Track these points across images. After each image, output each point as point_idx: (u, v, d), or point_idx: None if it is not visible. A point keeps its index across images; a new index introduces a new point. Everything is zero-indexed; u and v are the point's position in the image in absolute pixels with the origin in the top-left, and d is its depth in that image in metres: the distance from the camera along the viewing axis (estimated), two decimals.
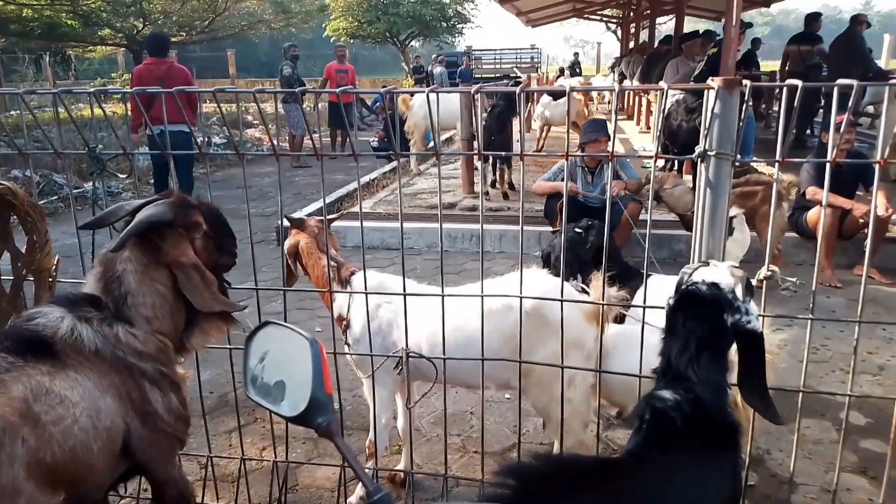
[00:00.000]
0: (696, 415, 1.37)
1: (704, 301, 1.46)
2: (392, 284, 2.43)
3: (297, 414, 0.96)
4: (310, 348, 0.96)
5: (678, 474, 1.37)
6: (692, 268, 1.60)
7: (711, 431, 1.40)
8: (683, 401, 1.37)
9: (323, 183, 2.23)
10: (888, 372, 3.62)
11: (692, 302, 1.48)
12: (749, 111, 8.50)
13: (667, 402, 1.36)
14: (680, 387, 1.40)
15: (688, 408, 1.36)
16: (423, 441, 3.04)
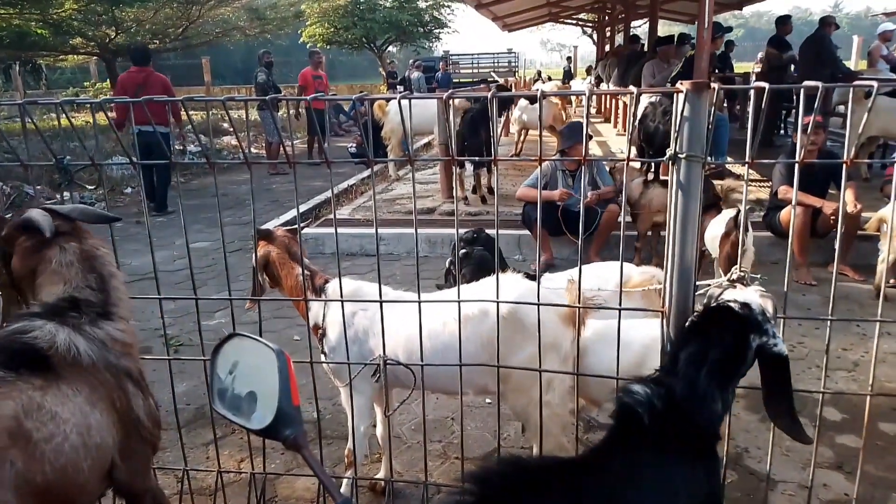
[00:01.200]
0: (667, 413, 1.37)
1: (734, 318, 1.49)
2: (368, 291, 2.41)
3: (264, 427, 0.95)
4: (276, 360, 0.94)
5: (642, 474, 1.37)
6: (721, 287, 1.62)
7: (684, 431, 1.41)
8: (654, 396, 1.38)
9: (296, 190, 2.21)
10: (862, 368, 3.67)
11: (720, 318, 1.50)
12: (724, 113, 8.65)
13: (635, 397, 1.37)
14: (658, 384, 1.41)
15: (659, 404, 1.37)
16: (404, 448, 3.03)
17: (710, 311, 1.50)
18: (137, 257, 5.72)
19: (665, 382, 1.44)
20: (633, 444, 1.38)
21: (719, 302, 1.50)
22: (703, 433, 1.48)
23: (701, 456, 1.47)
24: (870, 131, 7.08)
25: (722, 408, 1.54)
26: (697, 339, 1.48)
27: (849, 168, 1.93)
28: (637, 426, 1.37)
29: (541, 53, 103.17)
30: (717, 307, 1.49)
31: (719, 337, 1.47)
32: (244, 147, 2.19)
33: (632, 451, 1.40)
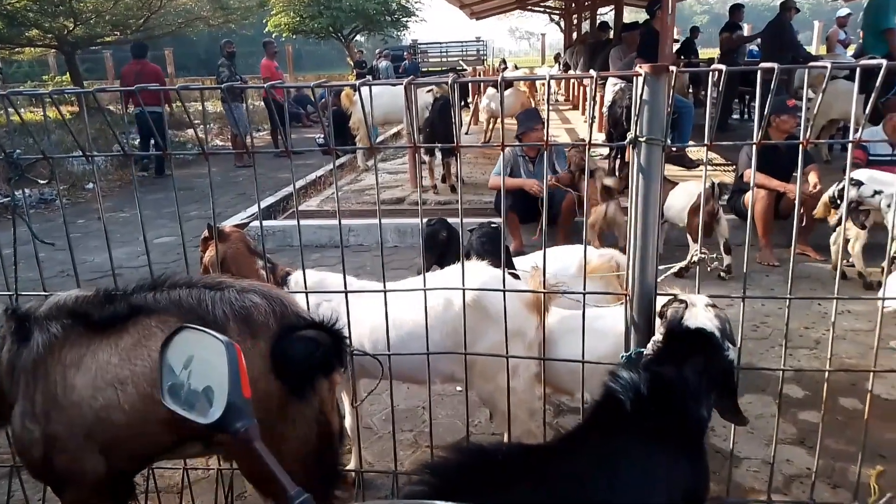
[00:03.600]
0: (652, 398, 1.38)
1: (695, 343, 1.58)
2: (332, 282, 2.39)
3: (214, 421, 0.93)
4: (225, 352, 0.92)
5: (619, 459, 1.36)
6: (674, 307, 1.65)
7: (671, 421, 1.41)
8: (641, 381, 1.39)
9: (256, 182, 2.17)
10: (823, 346, 3.76)
11: (682, 342, 1.57)
12: (689, 99, 8.71)
13: (620, 382, 1.38)
14: (643, 371, 1.43)
15: (644, 389, 1.38)
16: (374, 439, 3.02)
17: (674, 336, 1.55)
18: (100, 253, 5.60)
19: (654, 370, 1.44)
20: (612, 430, 1.38)
21: (677, 325, 1.57)
22: (691, 428, 1.50)
23: (687, 451, 1.48)
24: (830, 114, 7.22)
25: (707, 414, 1.59)
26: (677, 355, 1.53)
27: (809, 150, 1.97)
28: (618, 412, 1.37)
29: (509, 41, 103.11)
30: (676, 332, 1.55)
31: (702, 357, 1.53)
32: (201, 139, 2.14)
33: (609, 437, 1.39)
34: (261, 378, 1.65)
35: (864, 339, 3.79)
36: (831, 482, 2.64)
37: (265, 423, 1.65)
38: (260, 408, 1.65)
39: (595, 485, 1.33)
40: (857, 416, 2.95)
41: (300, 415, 1.74)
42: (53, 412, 1.64)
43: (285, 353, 1.66)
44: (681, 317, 1.59)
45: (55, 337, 1.65)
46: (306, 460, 1.77)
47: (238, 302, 1.69)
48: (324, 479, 1.85)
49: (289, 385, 1.68)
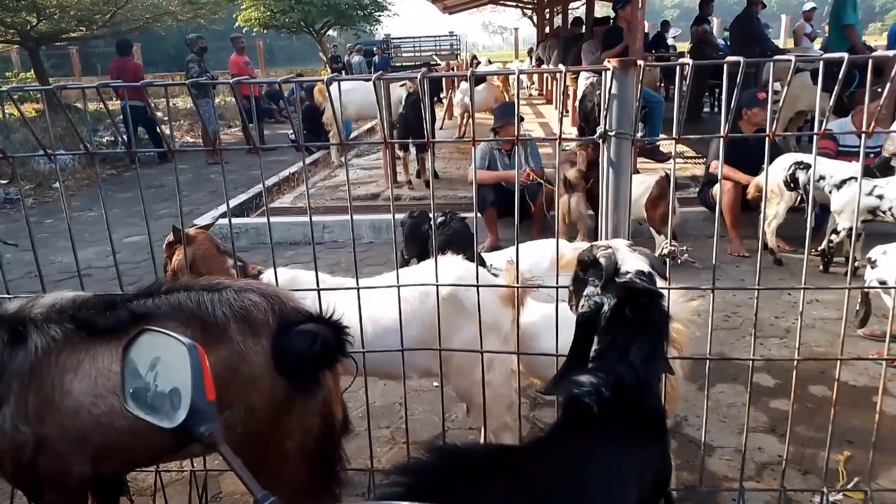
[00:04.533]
0: (615, 399, 1.37)
1: (654, 299, 1.50)
2: (305, 279, 2.37)
3: (178, 425, 0.91)
4: (188, 354, 0.90)
5: (588, 461, 1.36)
6: (606, 253, 1.57)
7: (632, 416, 1.41)
8: (602, 384, 1.37)
9: (224, 179, 2.14)
10: (793, 335, 3.81)
11: (641, 301, 1.49)
12: (661, 93, 8.81)
13: (583, 388, 1.37)
14: (603, 371, 1.41)
15: (607, 392, 1.37)
16: (351, 436, 2.99)
17: (630, 293, 1.49)
18: (68, 254, 5.47)
19: (611, 370, 1.43)
20: (583, 433, 1.38)
21: (635, 284, 1.49)
22: (654, 413, 1.50)
23: (654, 437, 1.48)
24: (796, 106, 7.35)
25: (657, 383, 1.57)
26: (625, 323, 1.48)
27: (779, 143, 1.99)
28: (586, 416, 1.37)
29: (483, 36, 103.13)
30: (637, 290, 1.49)
31: (646, 320, 1.48)
32: (167, 135, 2.10)
33: (581, 440, 1.39)
34: (265, 376, 1.68)
35: (832, 327, 3.87)
36: (802, 468, 2.70)
37: (271, 419, 1.70)
38: (265, 405, 1.69)
39: (571, 484, 1.34)
40: (826, 403, 3.01)
41: (305, 408, 1.76)
42: (48, 416, 1.64)
43: (286, 348, 1.69)
44: (615, 262, 1.54)
45: (54, 340, 1.65)
46: (310, 451, 1.80)
47: (237, 302, 1.71)
48: (326, 469, 1.89)
49: (293, 380, 1.71)
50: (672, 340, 2.17)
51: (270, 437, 1.73)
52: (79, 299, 1.74)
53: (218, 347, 1.65)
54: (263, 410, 1.69)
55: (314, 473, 1.85)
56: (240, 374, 1.66)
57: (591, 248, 1.61)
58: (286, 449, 1.76)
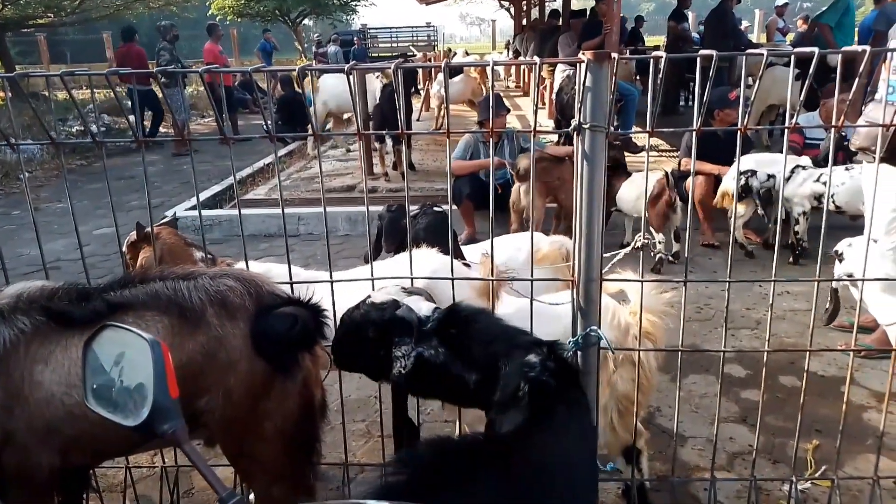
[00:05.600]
0: (563, 373, 1.44)
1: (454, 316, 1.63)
2: (277, 272, 2.34)
3: (140, 423, 0.89)
4: (150, 350, 0.88)
5: (562, 438, 1.40)
6: (403, 312, 1.64)
7: (578, 386, 1.51)
8: (545, 359, 1.44)
9: (194, 170, 2.10)
10: (764, 326, 3.86)
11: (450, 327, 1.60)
12: (637, 86, 8.89)
13: (536, 367, 1.40)
14: (531, 353, 1.47)
15: (552, 364, 1.43)
16: (326, 430, 2.96)
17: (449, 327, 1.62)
18: (36, 247, 5.36)
19: (546, 349, 1.48)
20: (548, 412, 1.41)
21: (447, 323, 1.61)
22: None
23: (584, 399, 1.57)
24: (768, 100, 7.45)
25: None
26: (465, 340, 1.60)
27: (751, 136, 2.01)
28: (546, 395, 1.39)
29: (460, 27, 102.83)
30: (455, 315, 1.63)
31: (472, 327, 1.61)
32: (133, 125, 2.06)
33: (548, 419, 1.43)
34: (243, 359, 1.69)
35: (802, 318, 3.93)
36: (772, 458, 2.74)
37: (250, 402, 1.71)
38: (244, 388, 1.70)
39: (555, 466, 1.38)
40: (796, 393, 3.05)
41: (284, 390, 1.78)
42: (16, 408, 1.60)
43: (265, 331, 1.70)
44: (417, 316, 1.62)
45: (23, 332, 1.61)
46: (290, 434, 1.81)
47: (213, 287, 1.71)
48: (306, 453, 1.91)
49: (272, 362, 1.72)
50: (646, 332, 2.19)
51: (250, 420, 1.74)
52: (47, 289, 1.70)
53: (196, 333, 1.65)
54: (242, 393, 1.70)
55: (293, 458, 1.86)
56: (218, 359, 1.67)
57: (370, 309, 1.66)
58: (266, 431, 1.77)
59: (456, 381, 1.57)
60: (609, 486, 2.49)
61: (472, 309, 1.63)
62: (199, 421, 1.73)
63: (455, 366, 1.54)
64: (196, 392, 1.69)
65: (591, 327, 1.95)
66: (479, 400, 1.62)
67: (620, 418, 2.19)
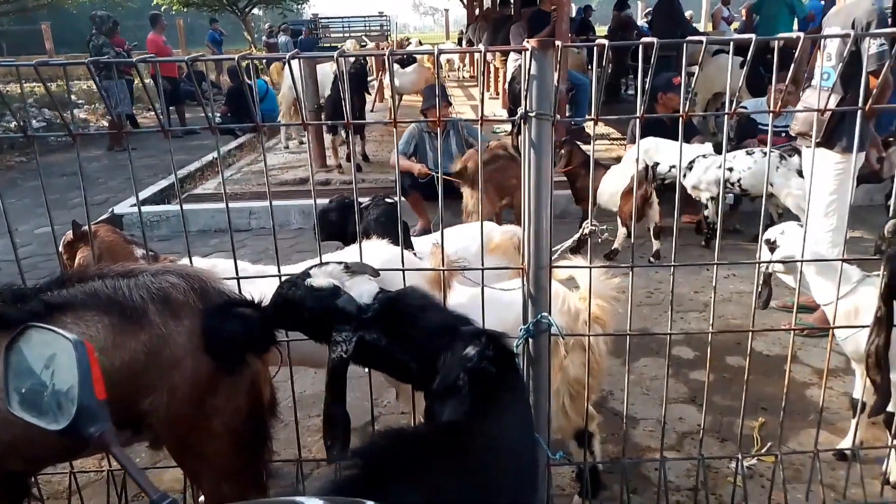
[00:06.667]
0: (500, 357, 1.46)
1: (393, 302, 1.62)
2: (224, 268, 2.29)
3: (65, 426, 0.85)
4: (73, 351, 0.84)
5: (506, 423, 1.43)
6: (344, 301, 1.61)
7: (515, 368, 1.54)
8: (484, 347, 1.45)
9: (131, 164, 2.03)
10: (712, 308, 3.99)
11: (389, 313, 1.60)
12: (589, 75, 8.90)
13: (474, 359, 1.41)
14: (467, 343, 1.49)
15: (491, 352, 1.44)
16: (280, 427, 2.92)
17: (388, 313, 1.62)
18: None
19: (485, 336, 1.50)
20: (490, 399, 1.42)
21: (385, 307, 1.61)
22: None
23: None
24: (713, 88, 7.62)
25: None
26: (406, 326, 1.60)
27: (697, 124, 2.05)
28: (487, 382, 1.41)
29: (414, 17, 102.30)
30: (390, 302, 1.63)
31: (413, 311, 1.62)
32: (67, 118, 1.98)
33: (491, 406, 1.45)
34: (188, 356, 1.66)
35: (748, 300, 4.02)
36: (720, 436, 2.83)
37: (196, 399, 1.68)
38: (189, 385, 1.66)
39: (502, 450, 1.41)
40: (742, 373, 3.13)
41: (231, 387, 1.75)
42: None
43: (219, 330, 1.67)
44: (356, 303, 1.61)
45: None
46: (238, 431, 1.78)
47: (154, 284, 1.68)
48: (254, 448, 1.88)
49: (220, 361, 1.70)
50: (595, 317, 2.22)
51: (196, 418, 1.71)
52: None
53: (138, 332, 1.62)
54: (188, 391, 1.67)
55: (243, 455, 1.84)
56: (162, 357, 1.64)
57: (308, 294, 1.63)
58: (213, 429, 1.74)
59: (397, 364, 1.59)
60: (563, 470, 2.53)
61: (415, 296, 1.62)
62: (144, 422, 1.70)
63: (397, 352, 1.55)
64: (140, 392, 1.65)
65: (542, 314, 1.97)
66: (420, 383, 1.63)
67: (572, 402, 2.22)
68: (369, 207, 3.01)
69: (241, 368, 1.74)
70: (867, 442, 2.64)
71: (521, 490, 1.37)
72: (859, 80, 2.17)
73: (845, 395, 2.96)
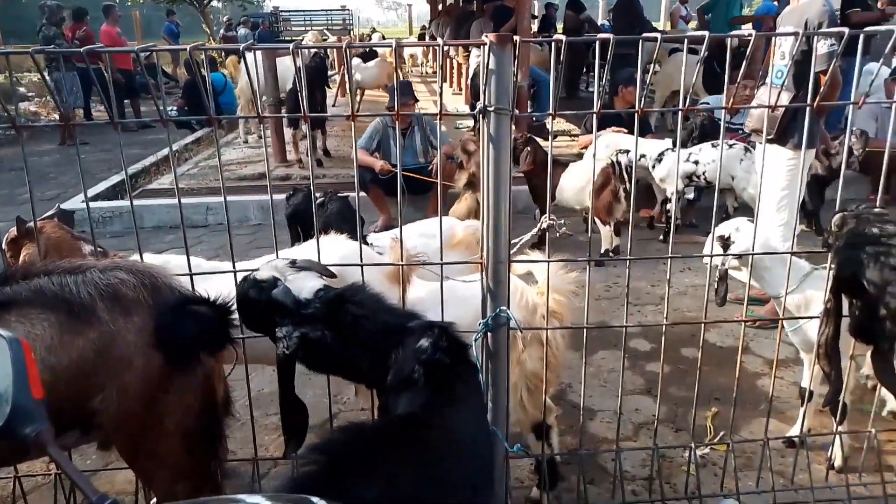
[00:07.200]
0: (453, 349, 1.47)
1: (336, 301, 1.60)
2: (177, 264, 2.24)
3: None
4: (7, 348, 0.81)
5: (462, 414, 1.44)
6: (279, 292, 1.60)
7: (469, 361, 1.54)
8: (437, 339, 1.45)
9: (79, 158, 1.97)
10: (668, 302, 4.06)
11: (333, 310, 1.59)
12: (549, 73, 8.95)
13: (427, 351, 1.41)
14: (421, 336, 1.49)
15: (446, 343, 1.45)
16: (238, 426, 2.88)
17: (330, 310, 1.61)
18: None
19: (437, 330, 1.51)
20: (446, 391, 1.43)
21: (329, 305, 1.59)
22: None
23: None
24: (672, 86, 7.76)
25: None
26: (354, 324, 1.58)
27: (645, 117, 2.08)
28: (442, 375, 1.41)
29: (377, 12, 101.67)
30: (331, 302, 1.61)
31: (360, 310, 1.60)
32: (11, 110, 1.91)
33: (447, 398, 1.45)
34: (138, 354, 1.62)
35: (703, 293, 4.12)
36: (674, 426, 2.88)
37: (147, 398, 1.64)
38: (140, 383, 1.63)
39: (460, 439, 1.42)
40: (697, 364, 3.24)
41: (183, 386, 1.72)
42: None
43: (171, 327, 1.64)
44: (294, 297, 1.59)
45: None
46: (191, 429, 1.76)
47: (103, 280, 1.64)
48: (208, 447, 1.86)
49: (172, 359, 1.66)
50: (553, 311, 2.24)
51: (148, 417, 1.68)
52: None
53: (86, 329, 1.57)
54: (139, 389, 1.63)
55: (196, 454, 1.81)
56: (112, 355, 1.59)
57: (251, 286, 1.63)
58: (165, 428, 1.71)
59: (347, 363, 1.57)
60: (522, 462, 2.55)
61: (361, 294, 1.60)
62: (93, 421, 1.65)
63: (345, 350, 1.53)
64: (89, 391, 1.60)
65: (501, 308, 1.98)
66: (371, 381, 1.63)
67: (530, 396, 2.24)
68: (325, 203, 2.98)
69: (193, 366, 1.70)
70: (815, 429, 2.73)
71: (477, 480, 1.37)
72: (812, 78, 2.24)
73: (795, 384, 3.05)
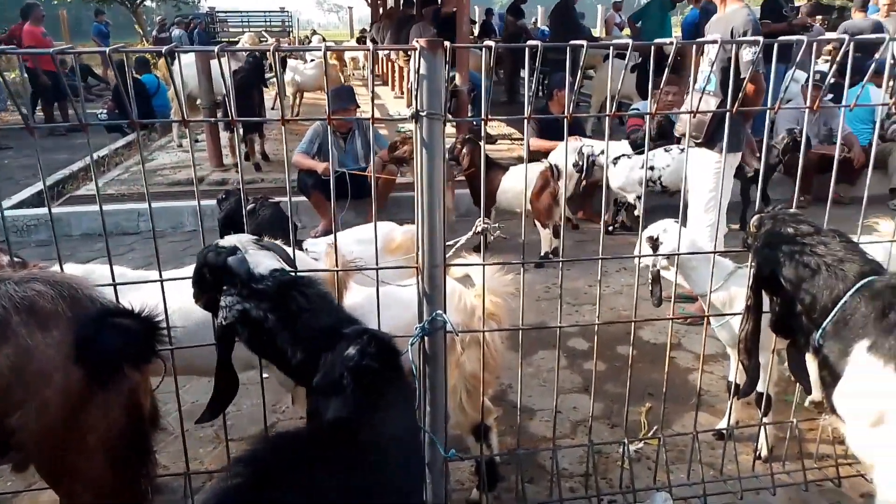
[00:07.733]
0: (383, 353, 1.48)
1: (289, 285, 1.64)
2: (101, 273, 2.16)
3: None
4: None
5: (395, 418, 1.44)
6: (234, 260, 1.61)
7: (398, 366, 1.55)
8: (365, 347, 1.45)
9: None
10: (604, 302, 4.16)
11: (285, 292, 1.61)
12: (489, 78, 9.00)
13: (355, 358, 1.41)
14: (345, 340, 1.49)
15: (372, 349, 1.46)
16: (171, 439, 2.80)
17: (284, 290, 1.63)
18: None
19: (367, 335, 1.51)
20: (375, 396, 1.43)
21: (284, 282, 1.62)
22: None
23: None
24: (605, 91, 7.97)
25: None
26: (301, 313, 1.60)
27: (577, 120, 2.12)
28: (370, 380, 1.41)
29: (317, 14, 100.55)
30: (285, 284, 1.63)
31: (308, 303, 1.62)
32: None
33: (376, 403, 1.46)
34: (57, 369, 1.55)
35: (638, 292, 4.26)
36: (610, 423, 2.95)
37: (68, 414, 1.58)
38: (60, 399, 1.56)
39: (389, 444, 1.42)
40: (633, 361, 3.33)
41: (107, 402, 1.65)
42: None
43: (92, 340, 1.57)
44: (248, 268, 1.60)
45: None
46: (116, 446, 1.69)
47: (18, 293, 1.57)
48: (135, 463, 1.80)
49: (93, 373, 1.59)
50: (490, 314, 2.27)
51: (70, 433, 1.61)
52: None
53: (1, 345, 1.50)
54: (59, 406, 1.57)
55: (122, 472, 1.74)
56: (29, 372, 1.53)
57: (211, 250, 1.65)
58: (88, 444, 1.64)
59: (278, 351, 1.55)
60: (462, 464, 2.56)
61: (312, 288, 1.59)
62: (11, 440, 1.58)
63: (280, 336, 1.52)
64: (5, 409, 1.53)
65: (437, 312, 1.98)
66: (298, 376, 1.62)
67: (469, 398, 2.25)
68: (255, 210, 2.93)
69: (117, 380, 1.64)
70: (742, 421, 2.84)
71: (406, 485, 1.38)
72: (737, 84, 2.33)
73: (723, 378, 3.16)
